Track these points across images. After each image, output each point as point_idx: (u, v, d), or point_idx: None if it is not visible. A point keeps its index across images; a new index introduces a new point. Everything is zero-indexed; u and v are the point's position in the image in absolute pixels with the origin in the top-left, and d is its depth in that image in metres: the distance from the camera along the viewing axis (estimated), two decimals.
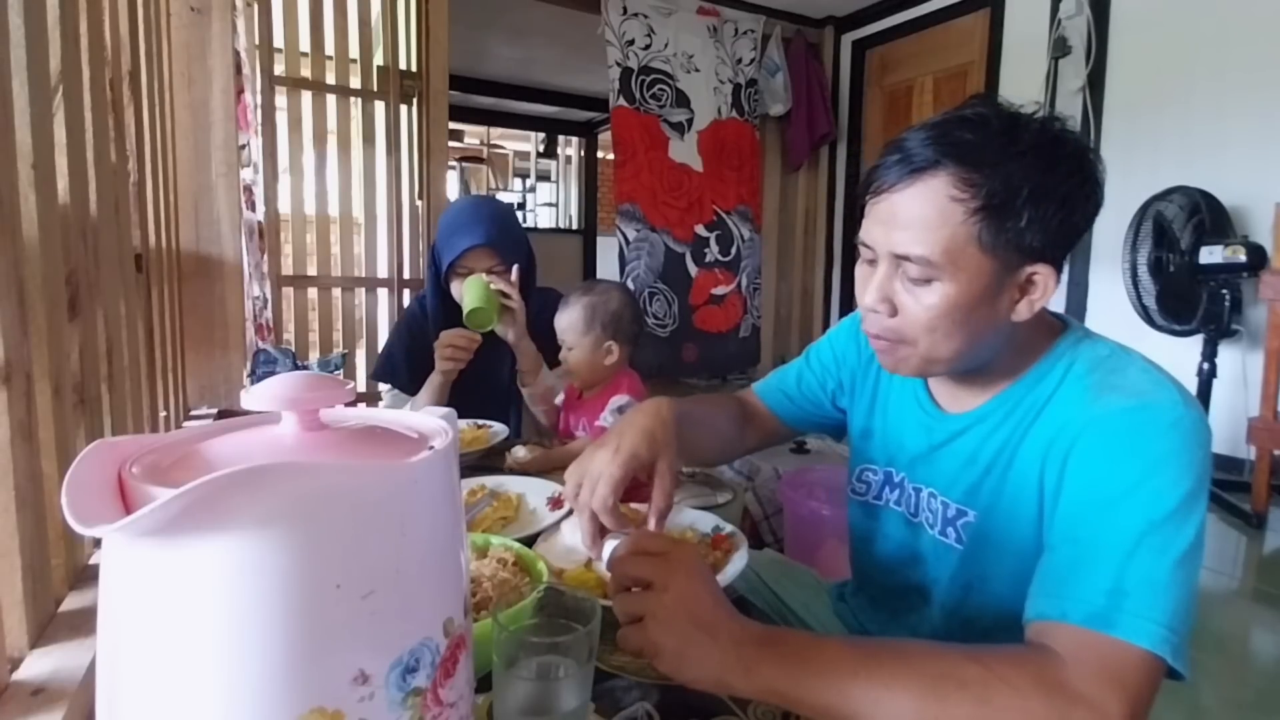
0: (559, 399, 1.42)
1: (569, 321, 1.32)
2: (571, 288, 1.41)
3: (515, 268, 1.37)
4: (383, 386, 1.54)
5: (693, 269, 4.31)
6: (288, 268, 2.92)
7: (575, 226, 7.24)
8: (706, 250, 4.35)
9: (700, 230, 4.31)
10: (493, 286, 1.34)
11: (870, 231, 0.65)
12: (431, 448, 0.37)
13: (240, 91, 2.26)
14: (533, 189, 8.09)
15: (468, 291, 1.32)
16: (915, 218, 0.60)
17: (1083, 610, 0.52)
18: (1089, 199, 0.61)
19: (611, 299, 1.33)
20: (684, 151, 4.24)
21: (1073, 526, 0.58)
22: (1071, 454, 0.61)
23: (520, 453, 1.17)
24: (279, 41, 2.74)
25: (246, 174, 2.42)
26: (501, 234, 1.39)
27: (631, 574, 0.55)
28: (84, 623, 0.62)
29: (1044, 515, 0.63)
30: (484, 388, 1.45)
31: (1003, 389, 0.70)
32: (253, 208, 2.46)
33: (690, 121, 4.25)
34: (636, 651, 0.52)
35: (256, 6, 2.59)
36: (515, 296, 1.35)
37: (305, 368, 2.09)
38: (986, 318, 0.63)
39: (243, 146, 2.33)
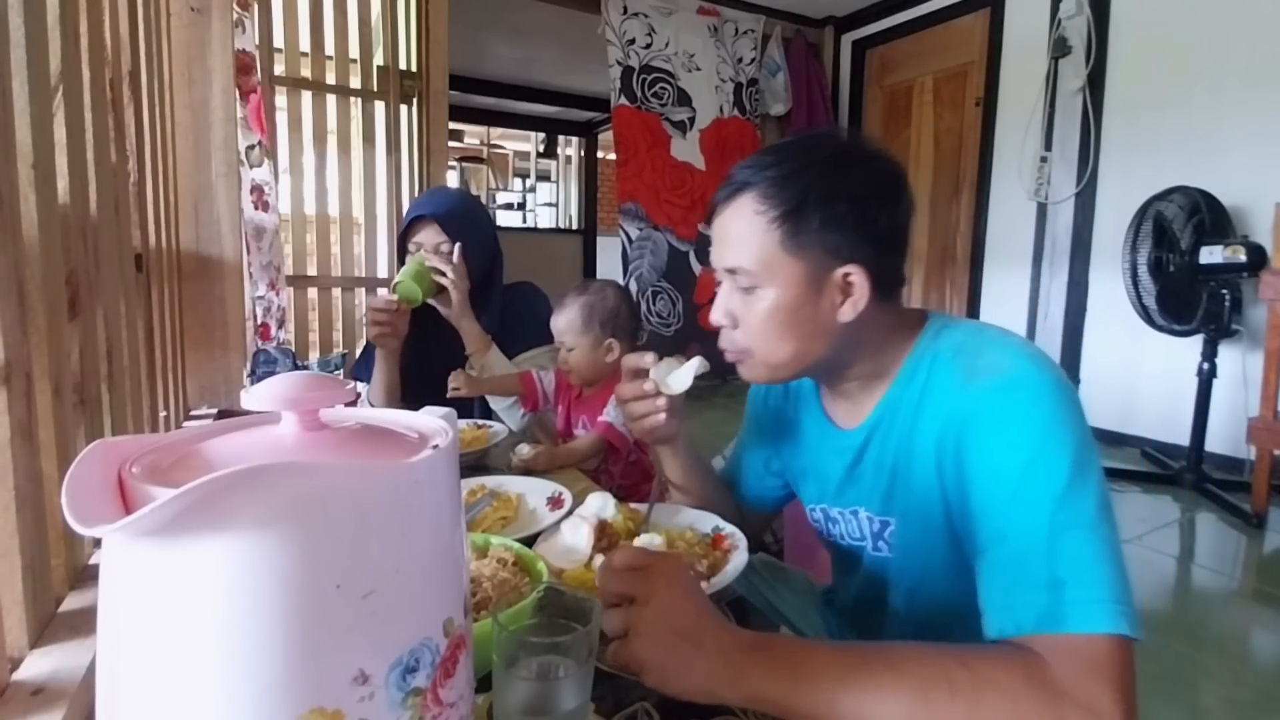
0: (548, 386, 1.42)
1: (567, 322, 1.32)
2: (567, 289, 1.41)
3: (457, 246, 1.37)
4: (360, 385, 1.54)
5: (696, 267, 4.31)
6: (288, 268, 2.92)
7: (575, 226, 7.25)
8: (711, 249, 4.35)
9: (704, 229, 4.31)
10: (428, 263, 1.34)
11: (712, 253, 0.73)
12: (433, 447, 0.37)
13: (252, 91, 2.25)
14: (533, 189, 8.09)
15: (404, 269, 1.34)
16: (733, 234, 0.69)
17: (1032, 614, 0.53)
18: (882, 198, 0.67)
19: (608, 297, 1.34)
20: (686, 150, 4.24)
21: (991, 526, 0.59)
22: (962, 447, 0.63)
23: (524, 450, 1.17)
24: (279, 41, 2.75)
25: (259, 174, 2.41)
26: (450, 213, 1.39)
27: (614, 590, 0.55)
28: (84, 623, 0.62)
29: (952, 510, 0.65)
30: (442, 378, 1.45)
31: (883, 393, 0.72)
32: (266, 208, 2.45)
33: (692, 120, 4.25)
34: (624, 667, 0.52)
35: (256, 6, 2.59)
36: (450, 273, 1.34)
37: (305, 368, 2.09)
38: (811, 319, 0.68)
39: (251, 147, 2.33)
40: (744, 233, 0.68)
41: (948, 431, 0.64)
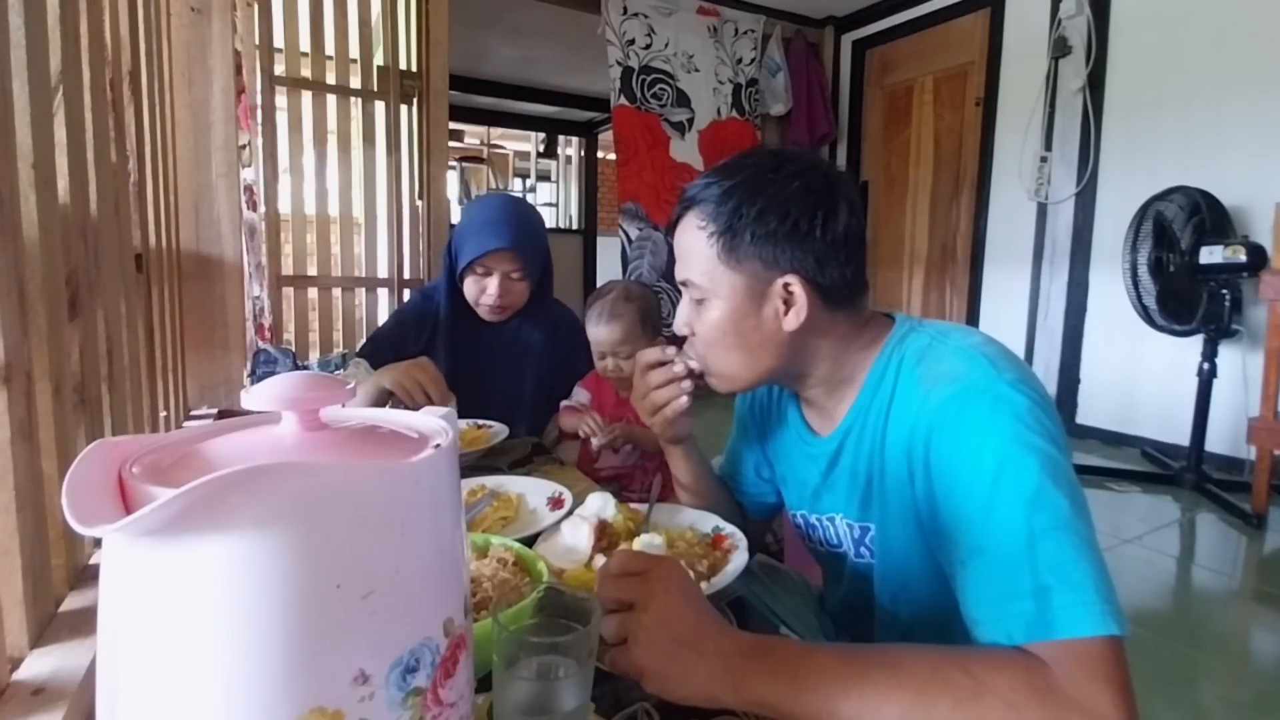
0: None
1: (624, 333, 1.31)
2: (605, 297, 1.38)
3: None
4: (353, 361, 1.47)
5: None
6: (288, 268, 2.92)
7: (575, 226, 7.24)
8: None
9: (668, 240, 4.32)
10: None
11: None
12: (434, 447, 0.37)
13: (241, 92, 2.26)
14: (533, 189, 8.09)
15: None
16: (683, 248, 0.73)
17: (1021, 623, 0.53)
18: (815, 209, 0.67)
19: (649, 297, 1.36)
20: (685, 151, 4.24)
21: (968, 540, 0.58)
22: (928, 459, 0.63)
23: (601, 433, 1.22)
24: (279, 41, 2.74)
25: (248, 174, 2.42)
26: (525, 239, 1.36)
27: (613, 596, 0.54)
28: (84, 623, 0.62)
29: (923, 520, 0.65)
30: (501, 397, 1.43)
31: (853, 400, 0.73)
32: (254, 207, 2.46)
33: (691, 121, 4.25)
34: (624, 674, 0.52)
35: (256, 6, 2.59)
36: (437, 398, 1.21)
37: (305, 368, 2.09)
38: (754, 329, 0.70)
39: (243, 146, 2.34)
40: (691, 248, 0.71)
41: (914, 442, 0.64)
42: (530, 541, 0.78)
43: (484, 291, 1.37)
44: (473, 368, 1.43)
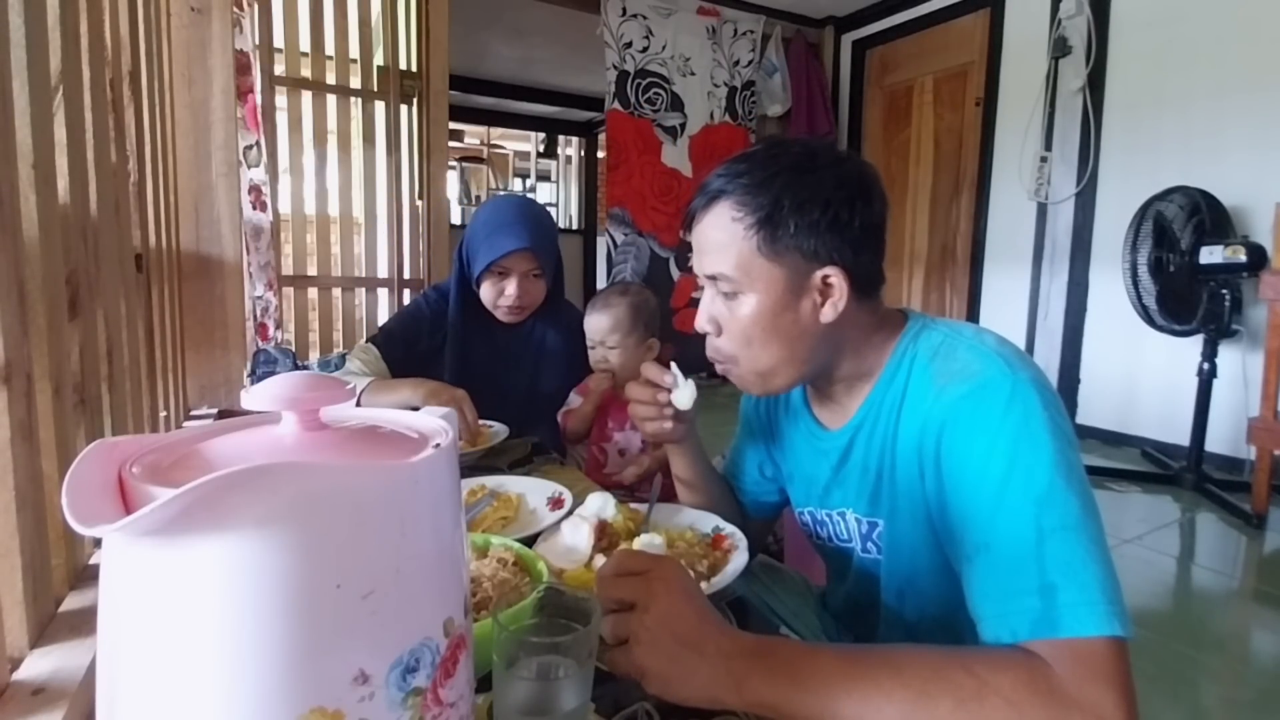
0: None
1: (613, 323, 1.33)
2: (605, 290, 1.41)
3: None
4: (361, 346, 1.43)
5: (675, 273, 4.38)
6: (288, 268, 2.93)
7: (575, 226, 7.24)
8: (690, 255, 4.38)
9: (685, 236, 4.33)
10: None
11: (693, 261, 0.75)
12: (434, 447, 0.37)
13: (249, 91, 2.26)
14: (533, 189, 8.08)
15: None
16: (712, 241, 0.70)
17: (1026, 620, 0.53)
18: (853, 199, 0.67)
19: (649, 298, 1.37)
20: (676, 157, 4.27)
21: (976, 535, 0.58)
22: (939, 455, 0.63)
23: (629, 472, 1.21)
24: (279, 41, 2.75)
25: (256, 174, 2.42)
26: (541, 238, 1.36)
27: (614, 596, 0.54)
28: (84, 623, 0.62)
29: (933, 515, 0.65)
30: (517, 399, 1.43)
31: (866, 395, 0.73)
32: (264, 208, 2.46)
33: (683, 126, 4.27)
34: (625, 675, 0.52)
35: (257, 6, 2.59)
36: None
37: (305, 368, 2.09)
38: (792, 322, 0.69)
39: (249, 147, 2.33)
40: (723, 240, 0.69)
41: (925, 438, 0.64)
42: (530, 541, 0.78)
43: (502, 293, 1.36)
44: (487, 370, 1.42)
